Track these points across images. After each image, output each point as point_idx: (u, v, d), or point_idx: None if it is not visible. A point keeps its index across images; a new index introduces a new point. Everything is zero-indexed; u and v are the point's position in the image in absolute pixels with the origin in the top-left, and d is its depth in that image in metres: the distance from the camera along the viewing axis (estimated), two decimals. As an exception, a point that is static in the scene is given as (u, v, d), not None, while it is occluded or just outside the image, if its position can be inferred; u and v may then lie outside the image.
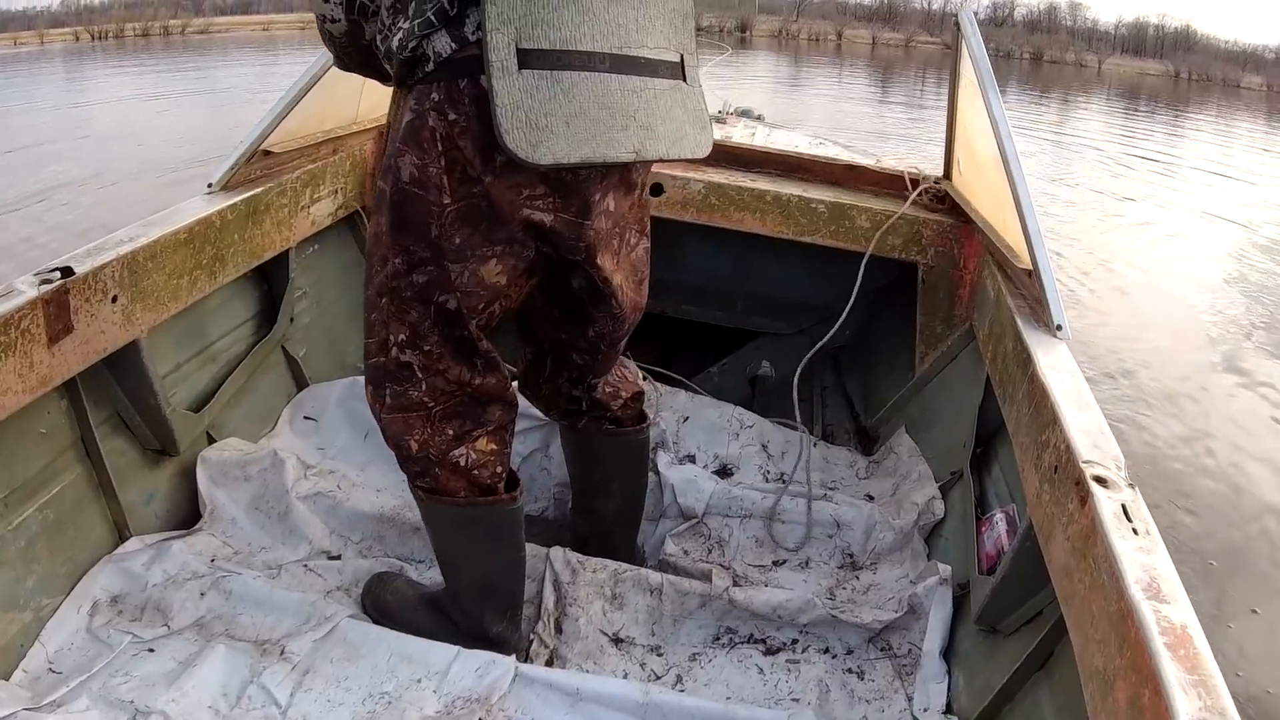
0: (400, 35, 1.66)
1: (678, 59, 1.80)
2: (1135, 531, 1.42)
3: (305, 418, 2.84)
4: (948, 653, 2.21)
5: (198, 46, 39.12)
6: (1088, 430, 1.71)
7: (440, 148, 1.67)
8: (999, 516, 2.22)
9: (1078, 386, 1.91)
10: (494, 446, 2.00)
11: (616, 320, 2.05)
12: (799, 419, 2.83)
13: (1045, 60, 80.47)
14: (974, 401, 2.53)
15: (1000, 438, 2.38)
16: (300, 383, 2.97)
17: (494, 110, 1.53)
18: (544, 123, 1.56)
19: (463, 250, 1.76)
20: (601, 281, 1.93)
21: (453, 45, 1.61)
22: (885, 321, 3.22)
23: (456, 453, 1.95)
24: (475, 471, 1.97)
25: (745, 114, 15.82)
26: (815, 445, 2.96)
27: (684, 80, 1.81)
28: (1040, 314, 2.23)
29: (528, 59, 1.55)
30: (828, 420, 3.41)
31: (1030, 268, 2.28)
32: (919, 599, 2.28)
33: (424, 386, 1.90)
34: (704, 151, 1.84)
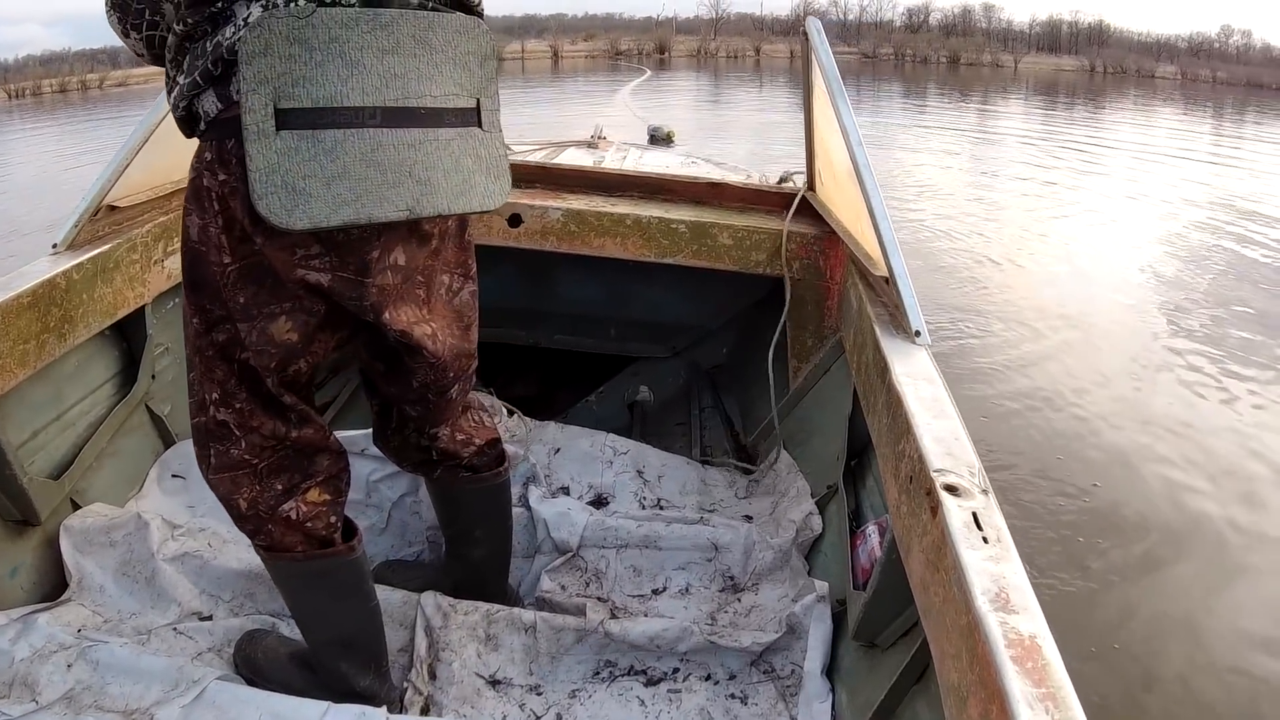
0: (176, 92, 1.64)
1: (472, 104, 1.75)
2: (985, 540, 1.39)
3: (173, 476, 2.77)
4: (830, 670, 2.19)
5: (117, 99, 38.83)
6: (941, 438, 1.69)
7: (217, 207, 1.64)
8: (872, 529, 2.21)
9: (935, 392, 1.89)
10: (326, 497, 1.96)
11: (436, 369, 1.99)
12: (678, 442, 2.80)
13: (962, 63, 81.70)
14: (845, 413, 2.51)
15: (870, 449, 2.36)
16: (167, 440, 2.89)
17: (248, 175, 1.50)
18: (302, 185, 1.52)
19: (249, 309, 1.73)
20: (401, 334, 1.86)
21: (219, 105, 1.58)
22: (760, 337, 3.19)
23: (286, 507, 1.91)
24: (309, 524, 1.93)
25: (656, 131, 15.91)
26: (694, 467, 2.93)
27: (479, 126, 1.76)
28: (900, 321, 2.21)
29: (287, 119, 1.51)
30: (707, 441, 3.39)
31: (888, 275, 2.26)
32: (797, 618, 2.25)
33: (243, 444, 1.86)
34: (496, 202, 1.78)
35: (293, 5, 1.52)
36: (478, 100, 1.76)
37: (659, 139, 16.76)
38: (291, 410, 1.87)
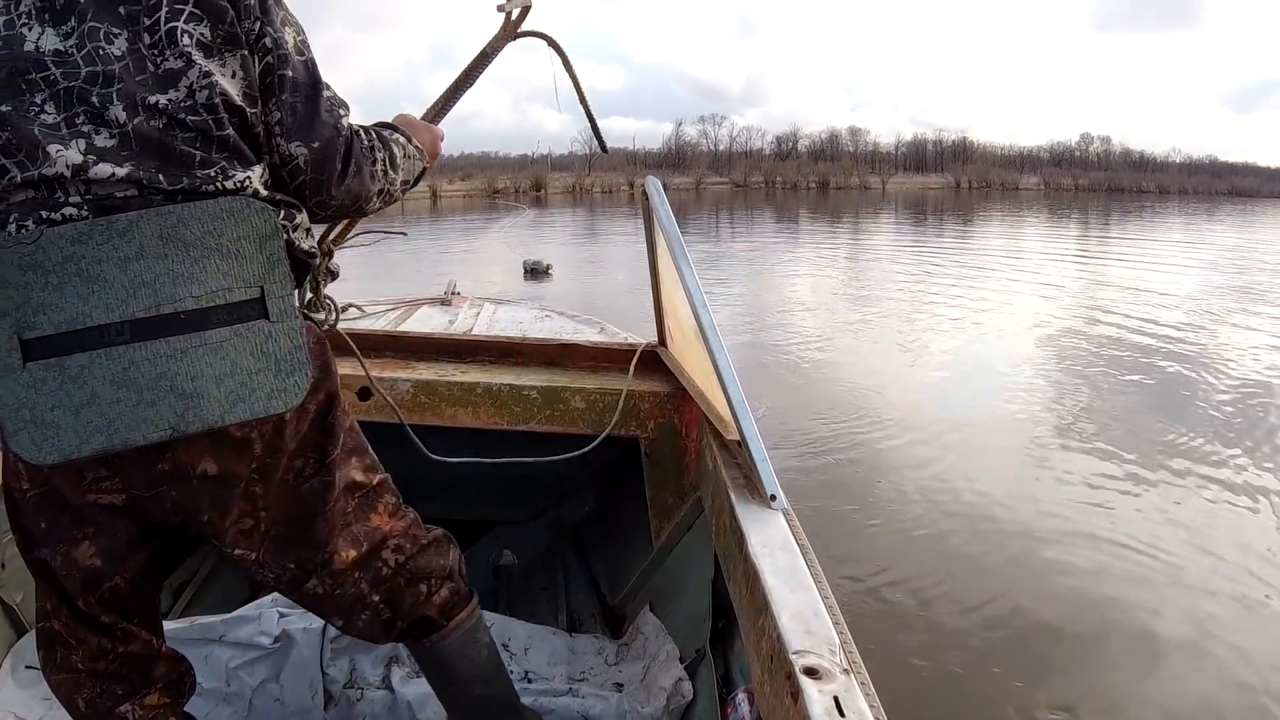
0: None
1: (253, 294, 1.59)
2: None
3: (27, 667, 2.62)
4: (714, 846, 2.09)
5: None
6: (800, 613, 1.62)
7: None
8: (742, 698, 2.14)
9: (792, 562, 1.82)
10: (165, 700, 1.89)
11: (264, 568, 1.85)
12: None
13: (832, 186, 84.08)
14: (708, 575, 2.45)
15: (734, 614, 2.31)
16: (19, 630, 2.73)
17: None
18: (50, 417, 1.47)
19: (50, 535, 1.69)
20: (216, 539, 1.76)
21: None
22: (622, 495, 3.14)
23: (123, 709, 1.84)
24: None
25: (537, 265, 16.27)
26: (561, 636, 2.85)
27: (265, 317, 1.60)
28: (755, 485, 2.15)
29: (32, 349, 1.46)
30: (573, 606, 3.30)
31: (739, 438, 2.21)
32: (674, 795, 2.16)
33: (80, 653, 1.80)
34: (288, 403, 1.61)
35: (21, 231, 1.48)
36: (261, 289, 1.60)
37: (539, 271, 17.21)
38: (114, 628, 1.81)
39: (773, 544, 1.90)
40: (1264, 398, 8.94)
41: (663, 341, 3.30)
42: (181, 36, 1.56)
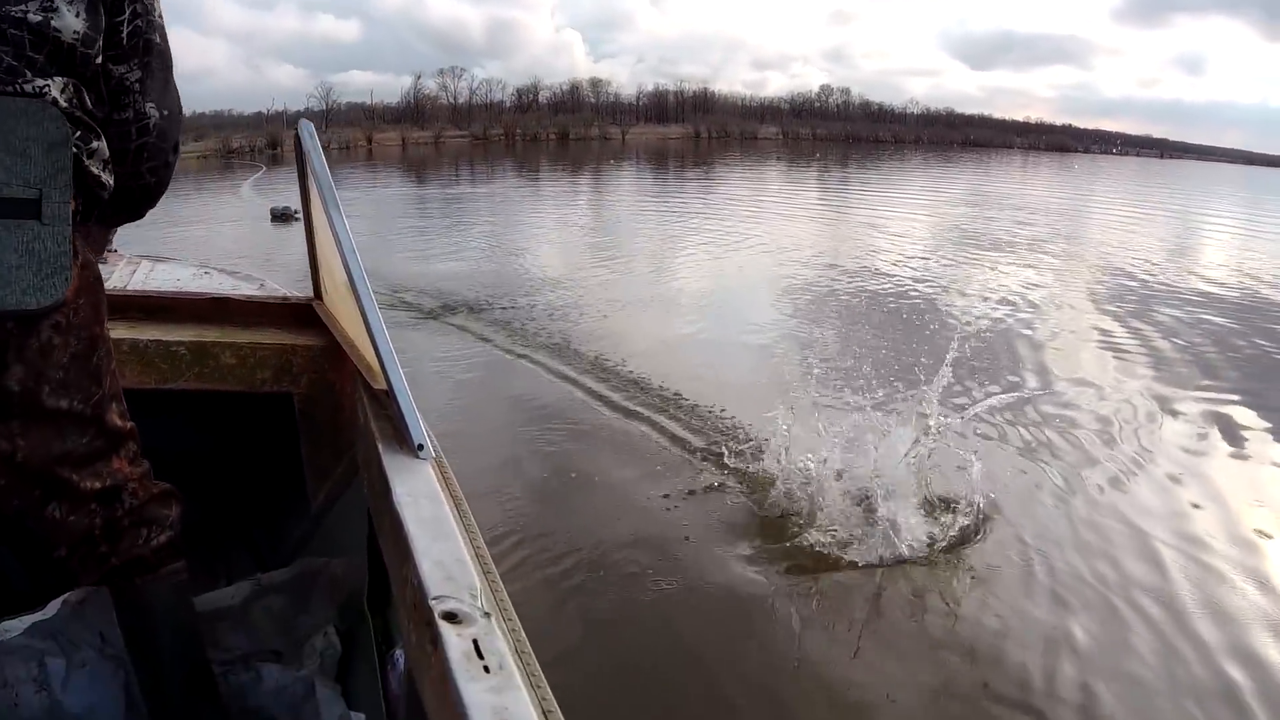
0: None
1: (33, 194, 1.64)
2: (487, 669, 1.31)
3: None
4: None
5: None
6: (441, 561, 1.60)
7: None
8: (398, 653, 2.15)
9: (436, 511, 1.79)
10: None
11: (21, 498, 1.90)
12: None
13: (572, 138, 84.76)
14: (364, 533, 2.40)
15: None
16: None
17: None
18: None
19: None
20: None
21: None
22: (279, 456, 3.02)
23: None
24: None
25: (285, 210, 16.59)
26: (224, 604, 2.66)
27: (38, 219, 1.65)
28: (403, 436, 2.09)
29: None
30: (233, 574, 3.09)
31: (388, 388, 2.14)
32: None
33: None
34: (40, 301, 1.66)
35: None
36: (40, 191, 1.66)
37: (288, 216, 17.61)
38: None
39: (418, 493, 1.87)
40: (1001, 333, 9.55)
41: (318, 295, 3.23)
42: None
